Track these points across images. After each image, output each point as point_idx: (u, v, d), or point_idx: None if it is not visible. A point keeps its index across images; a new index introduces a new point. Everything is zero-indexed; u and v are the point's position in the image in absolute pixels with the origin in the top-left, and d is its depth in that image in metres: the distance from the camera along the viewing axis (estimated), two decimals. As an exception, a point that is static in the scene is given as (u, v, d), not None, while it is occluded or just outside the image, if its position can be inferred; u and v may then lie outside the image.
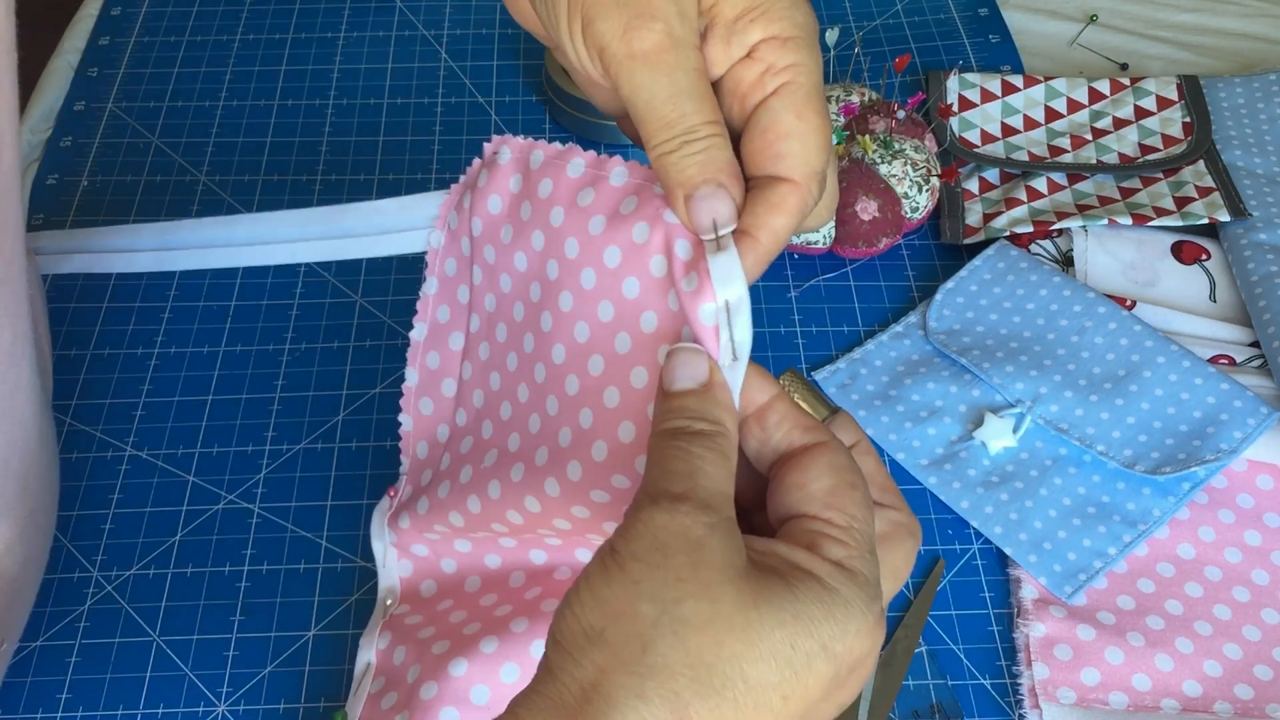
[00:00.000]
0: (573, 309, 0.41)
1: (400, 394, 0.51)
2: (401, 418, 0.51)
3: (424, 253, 0.49)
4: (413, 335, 0.50)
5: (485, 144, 0.44)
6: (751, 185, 0.39)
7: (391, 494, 0.52)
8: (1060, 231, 0.73)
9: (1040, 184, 0.75)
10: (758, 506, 0.38)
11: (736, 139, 0.40)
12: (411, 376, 0.50)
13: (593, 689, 0.30)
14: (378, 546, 0.53)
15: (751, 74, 0.38)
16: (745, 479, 0.38)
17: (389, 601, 0.52)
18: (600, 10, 0.36)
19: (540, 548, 0.50)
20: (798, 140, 0.38)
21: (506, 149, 0.43)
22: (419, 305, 0.49)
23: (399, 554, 0.52)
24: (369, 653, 0.52)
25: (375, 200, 0.73)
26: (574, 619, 0.31)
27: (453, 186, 0.47)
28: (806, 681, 0.31)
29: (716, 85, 0.40)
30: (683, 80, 0.36)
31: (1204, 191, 0.73)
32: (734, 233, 0.39)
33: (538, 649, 0.48)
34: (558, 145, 0.42)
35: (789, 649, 0.31)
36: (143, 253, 0.72)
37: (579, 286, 0.40)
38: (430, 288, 0.49)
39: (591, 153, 0.41)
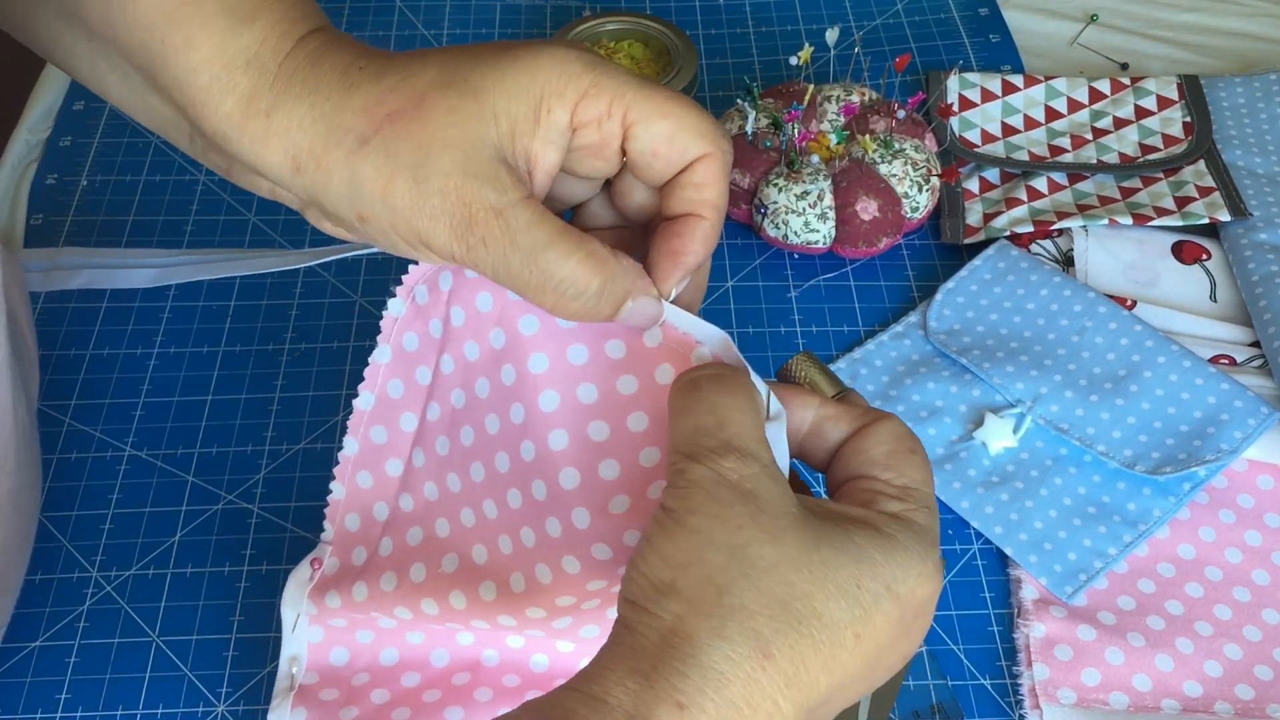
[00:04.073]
0: (567, 448, 0.40)
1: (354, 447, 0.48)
2: (334, 485, 0.48)
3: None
4: (357, 404, 0.47)
5: None
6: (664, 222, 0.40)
7: (315, 565, 0.49)
8: (1060, 231, 0.73)
9: (1040, 184, 0.75)
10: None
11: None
12: (351, 446, 0.47)
13: (672, 633, 0.31)
14: (289, 615, 0.49)
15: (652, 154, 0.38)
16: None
17: (294, 670, 0.50)
18: (430, 228, 0.36)
19: (468, 630, 0.48)
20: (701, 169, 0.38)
21: None
22: (367, 373, 0.46)
23: (310, 621, 0.50)
24: None
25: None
26: (642, 577, 0.32)
27: (422, 263, 0.43)
28: (875, 621, 0.32)
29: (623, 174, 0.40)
30: (525, 241, 0.36)
31: (1204, 191, 0.73)
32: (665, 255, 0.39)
33: None
34: None
35: (855, 588, 0.32)
36: (140, 270, 0.72)
37: (583, 433, 0.40)
38: (383, 356, 0.46)
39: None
